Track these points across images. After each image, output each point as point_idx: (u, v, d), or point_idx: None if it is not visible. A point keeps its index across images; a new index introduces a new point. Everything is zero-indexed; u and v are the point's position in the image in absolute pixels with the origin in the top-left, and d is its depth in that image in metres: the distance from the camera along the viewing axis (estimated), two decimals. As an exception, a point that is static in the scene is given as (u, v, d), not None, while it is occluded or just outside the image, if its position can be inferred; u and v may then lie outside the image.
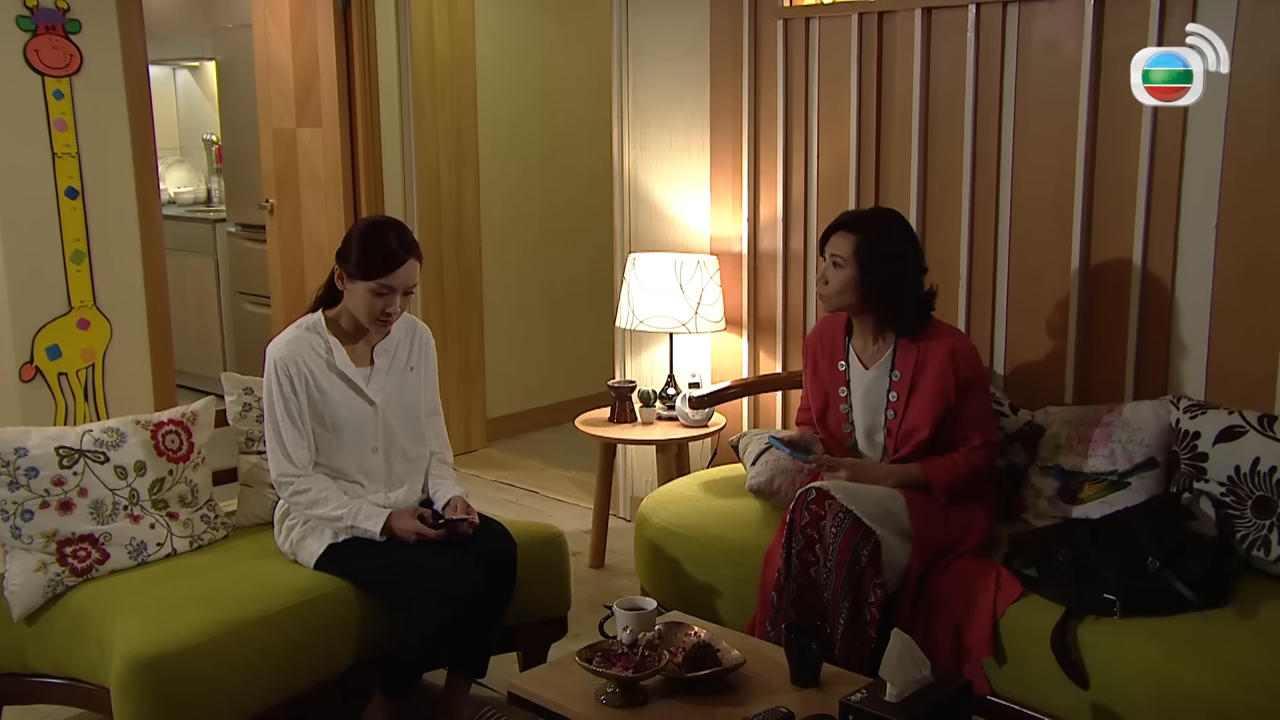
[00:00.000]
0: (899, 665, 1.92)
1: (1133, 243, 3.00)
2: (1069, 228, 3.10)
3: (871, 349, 2.87)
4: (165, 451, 2.85)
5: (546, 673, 2.34)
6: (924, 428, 2.77)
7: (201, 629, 2.41)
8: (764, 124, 3.76)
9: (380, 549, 2.67)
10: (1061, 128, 3.08)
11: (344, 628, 2.62)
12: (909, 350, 2.80)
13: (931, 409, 2.77)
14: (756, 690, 2.19)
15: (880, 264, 2.76)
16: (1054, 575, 2.55)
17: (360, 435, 2.77)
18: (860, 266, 2.76)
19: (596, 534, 3.88)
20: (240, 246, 5.92)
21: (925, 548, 2.66)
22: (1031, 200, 3.18)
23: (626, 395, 3.84)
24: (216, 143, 6.53)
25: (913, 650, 1.96)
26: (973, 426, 2.78)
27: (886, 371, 2.83)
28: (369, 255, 2.67)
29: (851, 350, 2.91)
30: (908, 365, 2.80)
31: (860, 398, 2.88)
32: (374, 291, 2.67)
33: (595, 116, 5.25)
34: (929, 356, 2.78)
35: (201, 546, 2.86)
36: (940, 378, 2.76)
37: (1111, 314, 3.06)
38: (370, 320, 2.72)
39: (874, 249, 2.76)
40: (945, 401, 2.76)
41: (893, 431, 2.83)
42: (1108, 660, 2.35)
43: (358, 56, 4.68)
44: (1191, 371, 2.94)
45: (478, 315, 5.24)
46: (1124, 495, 2.78)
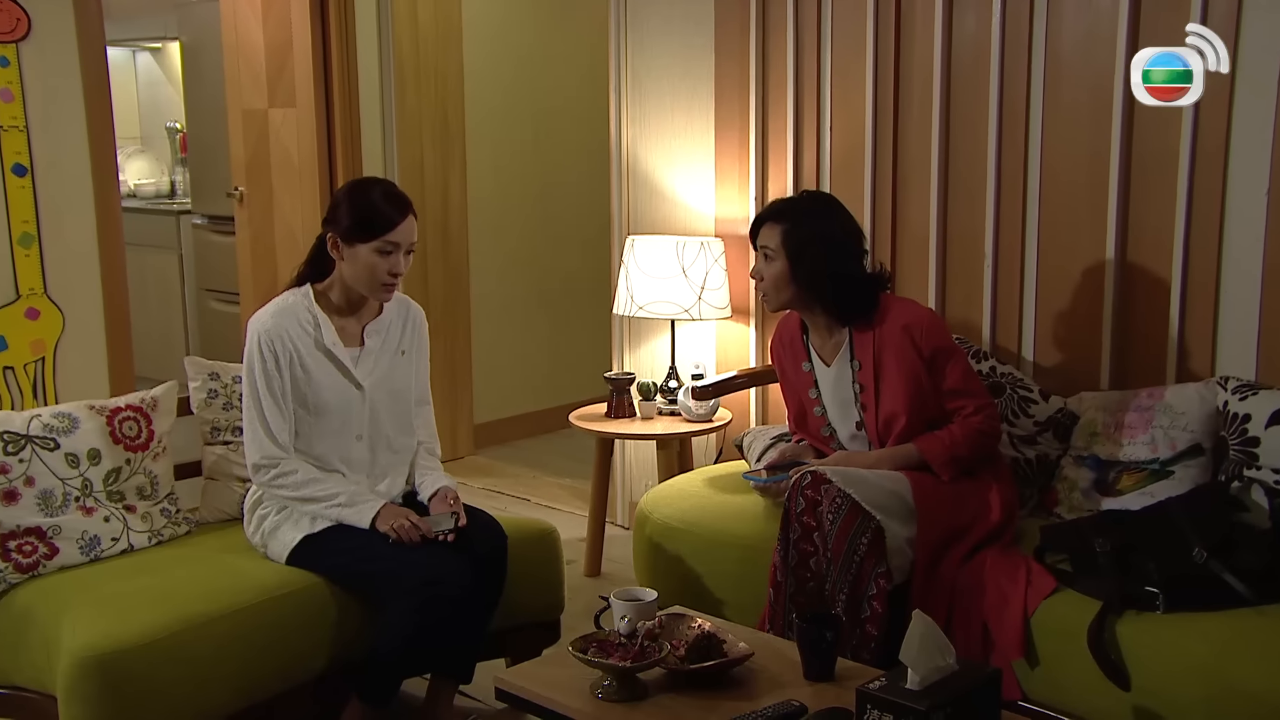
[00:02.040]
0: (921, 649, 1.90)
1: (1174, 213, 2.99)
2: (1104, 200, 3.10)
3: (830, 343, 2.89)
4: (122, 439, 2.84)
5: (537, 667, 2.33)
6: (900, 413, 2.78)
7: (159, 625, 2.39)
8: (773, 96, 3.76)
9: (360, 542, 2.65)
10: (1096, 95, 3.08)
11: (317, 627, 2.60)
12: (864, 336, 2.82)
13: (903, 392, 2.77)
14: (765, 684, 2.17)
15: (809, 250, 2.77)
16: (1090, 567, 2.54)
17: (344, 421, 2.76)
18: (790, 256, 2.78)
19: (592, 539, 3.87)
20: (207, 240, 5.93)
21: (932, 530, 2.65)
22: (1063, 173, 3.18)
23: (625, 388, 3.84)
24: (181, 130, 6.54)
25: (935, 634, 1.94)
26: (959, 394, 2.79)
27: (848, 363, 2.85)
28: (368, 212, 2.68)
29: (811, 348, 2.93)
30: (866, 352, 2.82)
31: (830, 396, 2.90)
32: (379, 251, 2.68)
33: (592, 93, 5.25)
34: (885, 339, 2.80)
35: (161, 543, 2.84)
36: (901, 357, 2.77)
37: (1151, 291, 3.05)
38: (375, 285, 2.72)
39: (801, 234, 2.78)
40: (915, 381, 2.77)
41: (869, 425, 2.84)
42: (1151, 659, 2.33)
43: (334, 30, 4.69)
44: (1240, 350, 2.93)
45: (464, 311, 5.24)
46: (1166, 485, 2.77)
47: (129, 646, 2.33)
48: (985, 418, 2.79)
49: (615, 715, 2.08)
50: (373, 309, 2.83)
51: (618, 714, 2.09)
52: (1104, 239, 3.11)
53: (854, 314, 2.83)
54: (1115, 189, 3.07)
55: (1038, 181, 3.22)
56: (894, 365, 2.78)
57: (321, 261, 2.79)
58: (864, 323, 2.82)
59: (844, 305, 2.82)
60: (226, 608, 2.49)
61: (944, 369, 2.78)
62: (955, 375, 2.79)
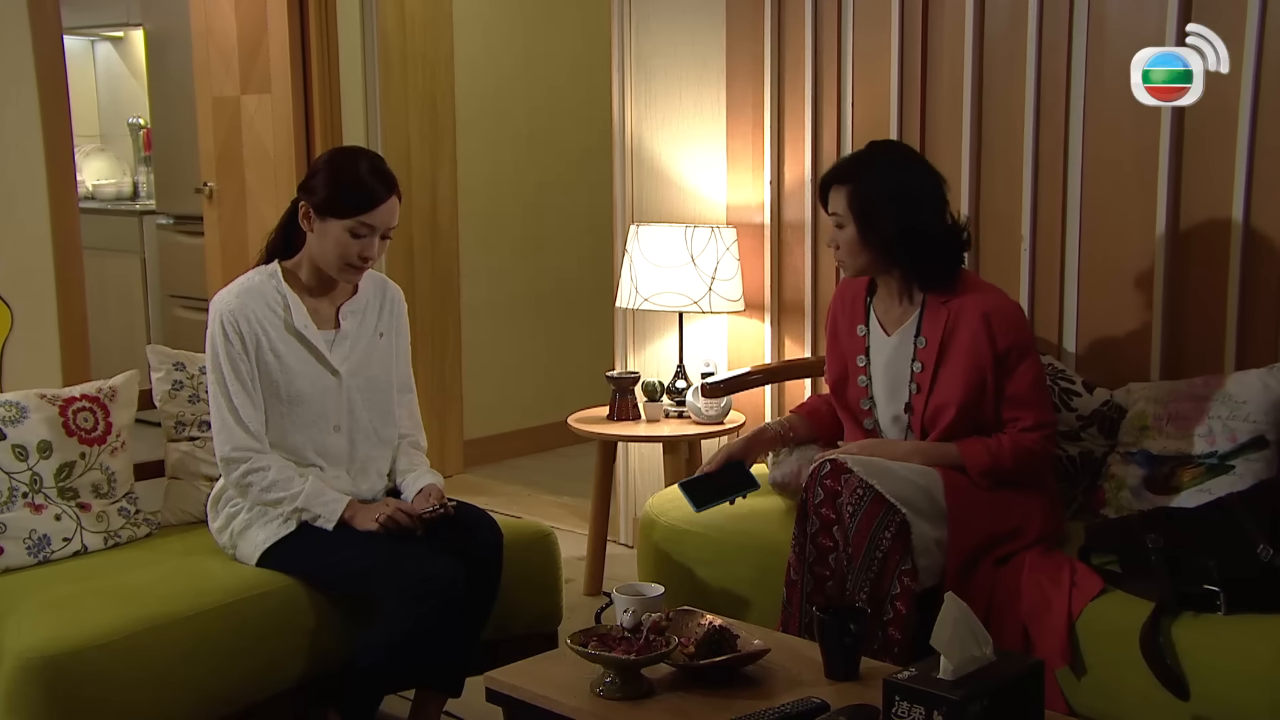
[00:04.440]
0: (954, 635, 1.87)
1: (1232, 184, 2.98)
2: (1153, 175, 3.09)
3: (896, 311, 2.86)
4: (77, 431, 2.83)
5: (531, 665, 2.31)
6: (952, 405, 2.74)
7: (114, 626, 2.38)
8: (790, 72, 3.77)
9: (336, 541, 2.64)
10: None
11: (292, 631, 2.59)
12: (938, 311, 2.78)
13: (962, 383, 2.74)
14: (782, 683, 2.16)
15: (880, 211, 2.74)
16: (1142, 566, 2.51)
17: (320, 411, 2.74)
18: (859, 220, 2.75)
19: (593, 555, 3.85)
20: (173, 241, 5.95)
21: (965, 536, 2.62)
22: (1107, 148, 3.17)
23: (628, 388, 3.83)
24: (145, 126, 6.57)
25: (970, 619, 1.92)
26: (1020, 404, 2.74)
27: (911, 337, 2.82)
28: (348, 186, 2.67)
29: (873, 313, 2.89)
30: (935, 329, 2.78)
31: (882, 369, 2.86)
32: (351, 231, 2.66)
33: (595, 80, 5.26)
34: (960, 319, 2.75)
35: (119, 545, 2.83)
36: (972, 345, 2.73)
37: (1207, 270, 3.04)
38: (340, 266, 2.70)
39: (868, 194, 2.75)
40: (979, 374, 2.73)
41: (917, 409, 2.80)
42: (1211, 664, 2.32)
43: (313, 9, 4.72)
44: (1307, 332, 2.93)
45: (453, 317, 5.23)
46: (1226, 480, 2.75)
47: (80, 648, 2.32)
48: (1042, 438, 2.74)
49: (618, 714, 2.06)
50: (346, 289, 2.82)
51: (621, 713, 2.07)
52: (1153, 215, 3.10)
53: (932, 277, 2.78)
54: (1166, 161, 3.06)
55: (1079, 157, 3.21)
56: (962, 351, 2.74)
57: (291, 234, 2.78)
58: (941, 294, 2.78)
59: (920, 265, 2.77)
60: (190, 609, 2.48)
61: (1014, 369, 2.73)
62: (1024, 381, 2.74)
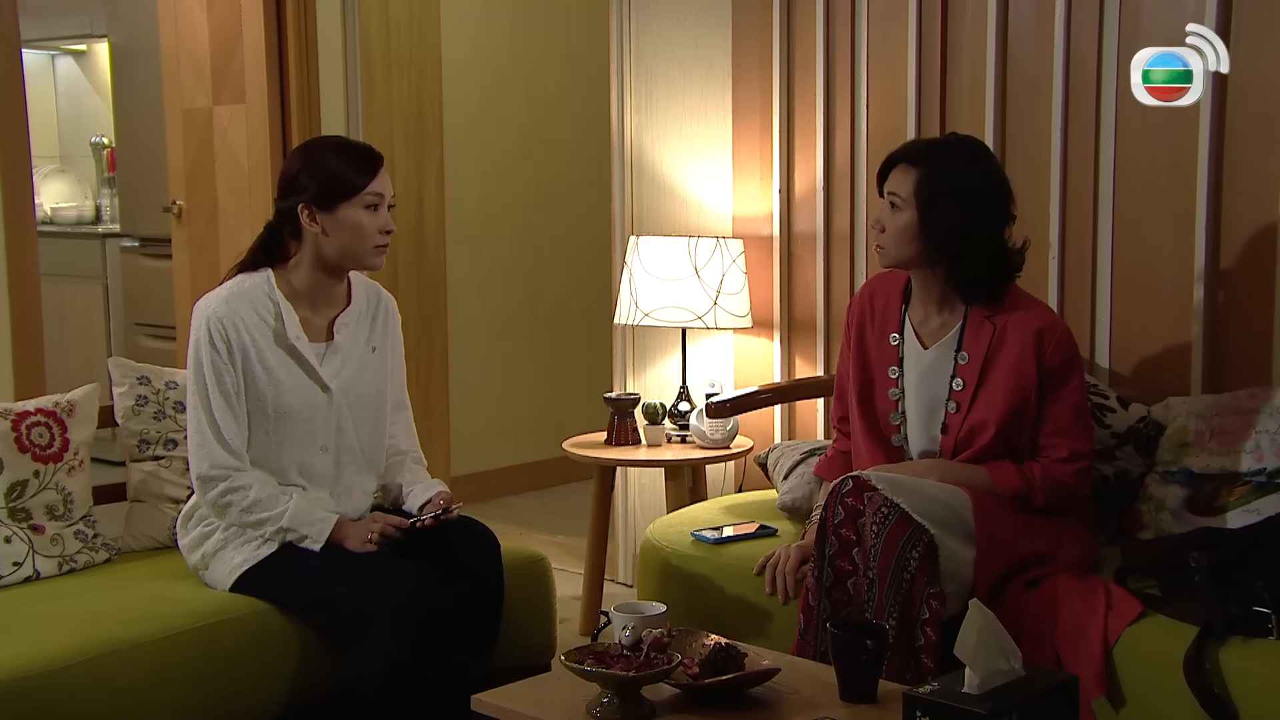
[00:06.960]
0: (980, 645, 1.88)
1: (1277, 186, 3.01)
2: (1191, 177, 3.11)
3: (935, 321, 2.87)
4: (30, 448, 2.85)
5: (522, 687, 2.32)
6: (991, 426, 2.75)
7: (73, 649, 2.39)
8: (800, 75, 3.81)
9: (319, 563, 2.65)
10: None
11: (270, 657, 2.60)
12: (981, 325, 2.80)
13: (1003, 403, 2.75)
14: (793, 706, 2.16)
15: (946, 206, 2.75)
16: (1184, 587, 2.52)
17: (308, 429, 2.76)
18: (921, 208, 2.77)
19: (589, 589, 3.86)
20: (138, 266, 5.98)
21: (993, 557, 2.63)
22: (1143, 148, 3.21)
23: (628, 410, 3.84)
24: (108, 146, 6.62)
25: (996, 630, 1.93)
26: (1059, 430, 2.76)
27: (951, 352, 2.83)
28: (338, 167, 2.72)
29: (909, 322, 2.91)
30: (979, 345, 2.79)
31: (915, 383, 2.87)
32: (366, 206, 2.72)
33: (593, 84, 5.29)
34: (1007, 335, 2.77)
35: (74, 570, 2.84)
36: (1019, 363, 2.75)
37: (1250, 277, 3.07)
38: (369, 248, 2.74)
39: (938, 184, 2.77)
40: (1022, 395, 2.75)
41: (951, 429, 2.81)
42: (1262, 691, 2.32)
43: (290, 13, 4.76)
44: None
45: (440, 341, 5.25)
46: (1276, 499, 2.76)
47: (34, 673, 2.33)
48: (1076, 471, 2.76)
49: (616, 737, 2.07)
50: (339, 299, 2.84)
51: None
52: (1191, 219, 3.12)
53: (980, 291, 2.81)
54: (1205, 161, 3.09)
55: (1111, 161, 3.25)
56: (1006, 370, 2.75)
57: (273, 250, 2.81)
58: (988, 308, 2.80)
59: (973, 277, 2.79)
60: (157, 633, 2.50)
61: (1059, 391, 2.75)
62: (1067, 406, 2.76)
